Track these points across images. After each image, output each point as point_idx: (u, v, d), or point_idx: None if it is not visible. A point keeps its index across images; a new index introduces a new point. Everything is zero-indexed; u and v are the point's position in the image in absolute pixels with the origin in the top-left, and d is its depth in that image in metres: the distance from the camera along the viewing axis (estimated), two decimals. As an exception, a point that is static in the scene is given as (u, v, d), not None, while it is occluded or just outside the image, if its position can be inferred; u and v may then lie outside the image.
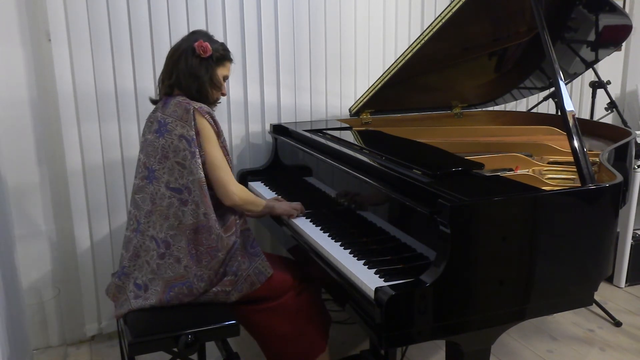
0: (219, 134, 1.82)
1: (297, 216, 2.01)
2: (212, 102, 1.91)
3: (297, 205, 2.03)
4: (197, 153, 1.75)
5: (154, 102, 1.94)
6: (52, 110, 2.36)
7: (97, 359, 2.49)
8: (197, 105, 1.79)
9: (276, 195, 2.32)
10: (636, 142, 2.34)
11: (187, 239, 1.76)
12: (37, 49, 2.31)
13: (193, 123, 1.76)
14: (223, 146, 1.83)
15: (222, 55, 1.88)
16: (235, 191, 1.80)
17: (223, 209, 1.83)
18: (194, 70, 1.83)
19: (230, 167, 1.83)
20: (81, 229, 2.46)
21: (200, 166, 1.76)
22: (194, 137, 1.75)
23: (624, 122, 3.10)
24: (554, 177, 1.93)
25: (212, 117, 1.81)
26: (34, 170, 2.40)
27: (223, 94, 1.94)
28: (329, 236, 1.82)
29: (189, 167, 1.75)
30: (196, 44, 1.82)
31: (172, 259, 1.76)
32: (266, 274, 1.83)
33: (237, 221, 1.86)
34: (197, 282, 1.74)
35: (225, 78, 1.93)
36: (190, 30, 2.46)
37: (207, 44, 1.83)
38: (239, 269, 1.79)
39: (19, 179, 2.38)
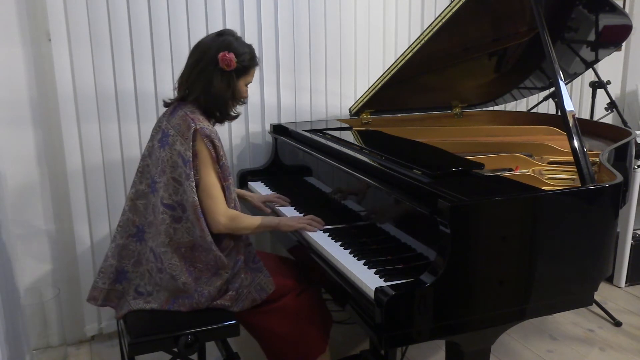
0: (217, 158, 1.73)
1: (309, 228, 1.86)
2: (230, 117, 1.85)
3: (306, 219, 1.89)
4: (192, 176, 1.69)
5: (167, 104, 1.86)
6: (52, 110, 2.36)
7: (97, 359, 2.49)
8: (200, 125, 1.70)
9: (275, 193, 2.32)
10: (636, 142, 2.35)
11: (181, 257, 1.73)
12: (37, 49, 2.31)
13: (191, 144, 1.69)
14: (221, 171, 1.75)
15: (246, 66, 1.77)
16: (221, 221, 1.73)
17: None
18: (215, 87, 1.74)
19: (224, 193, 1.76)
20: (81, 229, 2.46)
21: (194, 189, 1.69)
22: (191, 158, 1.69)
23: (624, 122, 3.10)
24: (554, 177, 1.93)
25: (212, 141, 1.72)
26: (34, 170, 2.40)
27: (246, 99, 1.86)
28: (329, 236, 1.82)
29: (184, 185, 1.70)
30: (220, 55, 1.71)
31: (167, 275, 1.73)
32: (267, 290, 1.80)
33: (242, 237, 1.82)
34: (198, 297, 1.73)
35: (247, 84, 1.84)
36: (190, 31, 2.49)
37: (232, 56, 1.71)
38: (241, 286, 1.77)
39: (19, 178, 2.38)
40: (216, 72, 1.74)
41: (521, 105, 3.46)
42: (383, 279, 1.48)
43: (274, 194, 2.25)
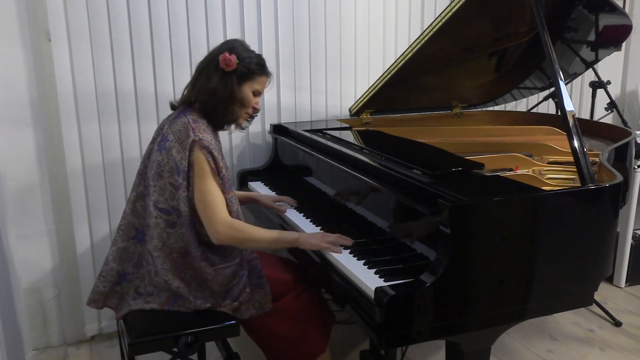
0: (217, 170, 1.68)
1: (335, 249, 1.69)
2: (232, 121, 1.80)
3: (332, 238, 1.72)
4: (184, 187, 1.66)
5: (173, 107, 1.84)
6: (52, 110, 2.36)
7: (97, 359, 2.49)
8: (199, 136, 1.66)
9: (276, 194, 2.32)
10: (636, 142, 2.35)
11: (172, 262, 1.71)
12: (37, 49, 2.31)
13: (187, 154, 1.65)
14: (222, 183, 1.70)
15: (249, 70, 1.74)
16: (219, 230, 1.66)
17: None
18: (212, 85, 1.72)
19: (226, 203, 1.71)
20: (81, 229, 2.46)
21: (186, 200, 1.67)
22: (186, 168, 1.66)
23: (624, 122, 3.10)
24: (554, 177, 1.93)
25: (211, 153, 1.66)
26: (34, 170, 2.40)
27: (255, 110, 1.81)
28: (329, 236, 1.81)
29: (179, 193, 1.68)
30: (220, 56, 1.71)
31: (161, 279, 1.73)
32: (265, 308, 1.80)
33: (244, 252, 1.80)
34: (194, 300, 1.73)
35: (257, 93, 1.79)
36: (190, 31, 2.50)
37: (232, 57, 1.70)
38: (243, 300, 1.77)
39: (19, 179, 2.38)
40: (216, 73, 1.73)
41: (521, 105, 3.45)
42: (383, 279, 1.49)
43: (285, 197, 2.21)
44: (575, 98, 3.62)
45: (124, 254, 1.80)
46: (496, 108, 3.05)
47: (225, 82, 1.72)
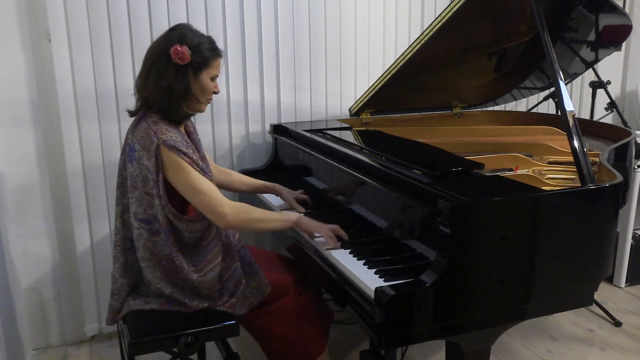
0: (194, 162, 1.63)
1: (330, 243, 1.72)
2: (192, 114, 1.75)
3: (334, 227, 1.75)
4: (158, 194, 1.62)
5: (132, 114, 1.74)
6: (52, 110, 2.36)
7: (97, 359, 2.49)
8: (163, 138, 1.60)
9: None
10: (636, 142, 2.35)
11: (162, 269, 1.69)
12: (37, 49, 2.31)
13: (154, 160, 1.59)
14: (203, 172, 1.66)
15: (206, 58, 1.65)
16: (226, 212, 1.62)
17: (208, 239, 1.73)
18: (167, 82, 1.62)
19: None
20: (81, 229, 2.46)
21: (163, 207, 1.63)
22: (156, 176, 1.61)
23: (624, 122, 3.10)
24: (554, 177, 1.93)
25: (179, 150, 1.61)
26: (34, 170, 2.40)
27: (215, 93, 1.74)
28: (329, 236, 1.81)
29: (155, 201, 1.63)
30: (172, 49, 1.60)
31: (154, 287, 1.72)
32: (264, 292, 1.78)
33: (232, 244, 1.78)
34: (190, 301, 1.72)
35: (214, 78, 1.71)
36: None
37: (184, 49, 1.59)
38: (240, 292, 1.77)
39: (19, 179, 2.38)
40: (169, 67, 1.62)
41: (521, 105, 3.46)
42: (383, 279, 1.49)
43: (301, 191, 2.18)
44: (575, 98, 3.62)
45: (127, 267, 1.79)
46: (496, 108, 3.05)
47: (181, 76, 1.63)
